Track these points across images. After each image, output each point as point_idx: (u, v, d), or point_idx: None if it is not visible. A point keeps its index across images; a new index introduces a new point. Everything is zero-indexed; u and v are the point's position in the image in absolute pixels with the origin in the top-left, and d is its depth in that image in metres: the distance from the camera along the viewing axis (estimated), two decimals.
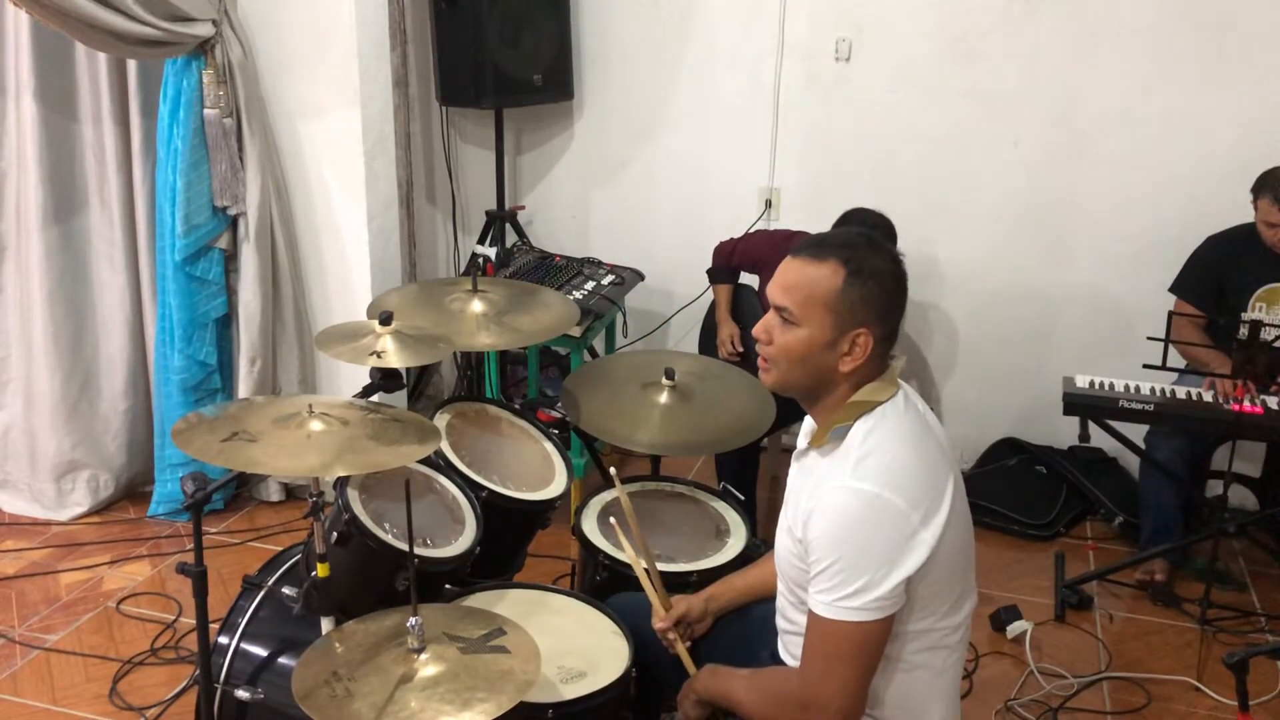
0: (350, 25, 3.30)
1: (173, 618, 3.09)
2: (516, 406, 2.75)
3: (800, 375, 1.72)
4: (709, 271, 3.68)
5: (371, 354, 2.21)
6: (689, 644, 2.02)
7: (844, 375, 1.70)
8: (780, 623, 1.89)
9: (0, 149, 3.45)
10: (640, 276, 4.06)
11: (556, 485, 2.55)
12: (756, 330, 1.76)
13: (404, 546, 1.81)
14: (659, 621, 2.03)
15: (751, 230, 3.62)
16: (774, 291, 1.73)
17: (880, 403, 1.69)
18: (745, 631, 2.05)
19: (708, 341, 3.69)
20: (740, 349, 3.43)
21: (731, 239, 3.62)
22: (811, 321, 1.68)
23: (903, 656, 1.69)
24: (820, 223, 3.29)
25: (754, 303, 3.54)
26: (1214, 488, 3.43)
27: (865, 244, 1.71)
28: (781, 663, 1.88)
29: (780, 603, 1.87)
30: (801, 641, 1.76)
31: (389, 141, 3.56)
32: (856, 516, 1.59)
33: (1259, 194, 3.19)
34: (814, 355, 1.69)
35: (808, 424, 1.86)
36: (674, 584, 2.20)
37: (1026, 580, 3.40)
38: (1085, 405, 3.11)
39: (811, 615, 1.65)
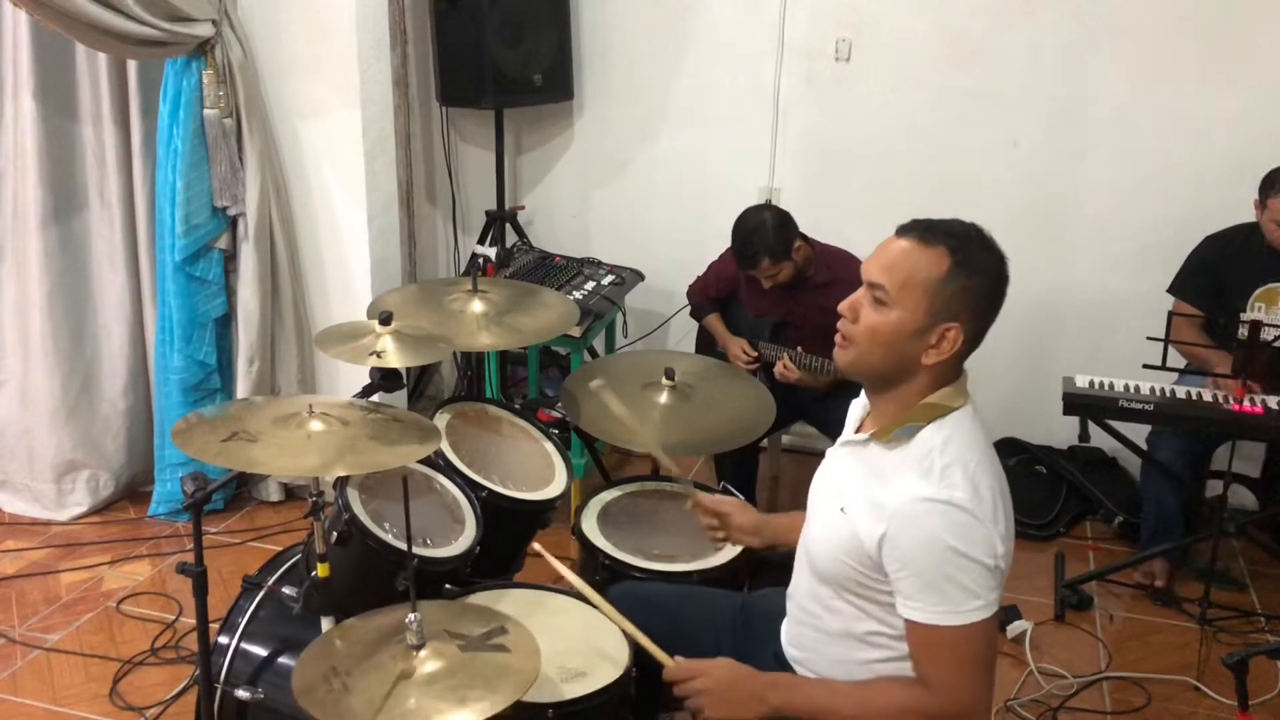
0: (350, 25, 3.30)
1: (173, 618, 3.09)
2: (516, 406, 2.75)
3: (879, 359, 1.66)
4: (692, 312, 3.68)
5: (371, 354, 2.21)
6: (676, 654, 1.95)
7: (925, 368, 1.64)
8: (796, 613, 1.85)
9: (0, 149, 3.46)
10: (640, 276, 4.07)
11: (556, 485, 2.55)
12: (843, 306, 1.69)
13: (404, 546, 1.81)
14: (700, 511, 2.10)
15: (712, 262, 3.63)
16: (870, 268, 1.66)
17: (954, 409, 1.66)
18: (749, 630, 2.04)
19: (707, 346, 3.70)
20: (754, 354, 3.43)
21: (699, 277, 3.63)
22: (905, 305, 1.62)
23: None
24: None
25: (746, 321, 3.53)
26: (1214, 488, 3.43)
27: (977, 237, 1.66)
28: (785, 660, 1.87)
29: (799, 590, 1.84)
30: (822, 631, 1.76)
31: (389, 141, 3.56)
32: (953, 525, 1.55)
33: (1270, 193, 3.16)
34: (900, 341, 1.63)
35: (858, 411, 1.82)
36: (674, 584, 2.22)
37: (1026, 580, 3.40)
38: (1085, 405, 3.10)
39: (927, 629, 1.59)
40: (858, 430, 1.78)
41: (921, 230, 1.65)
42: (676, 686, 1.77)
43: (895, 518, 1.59)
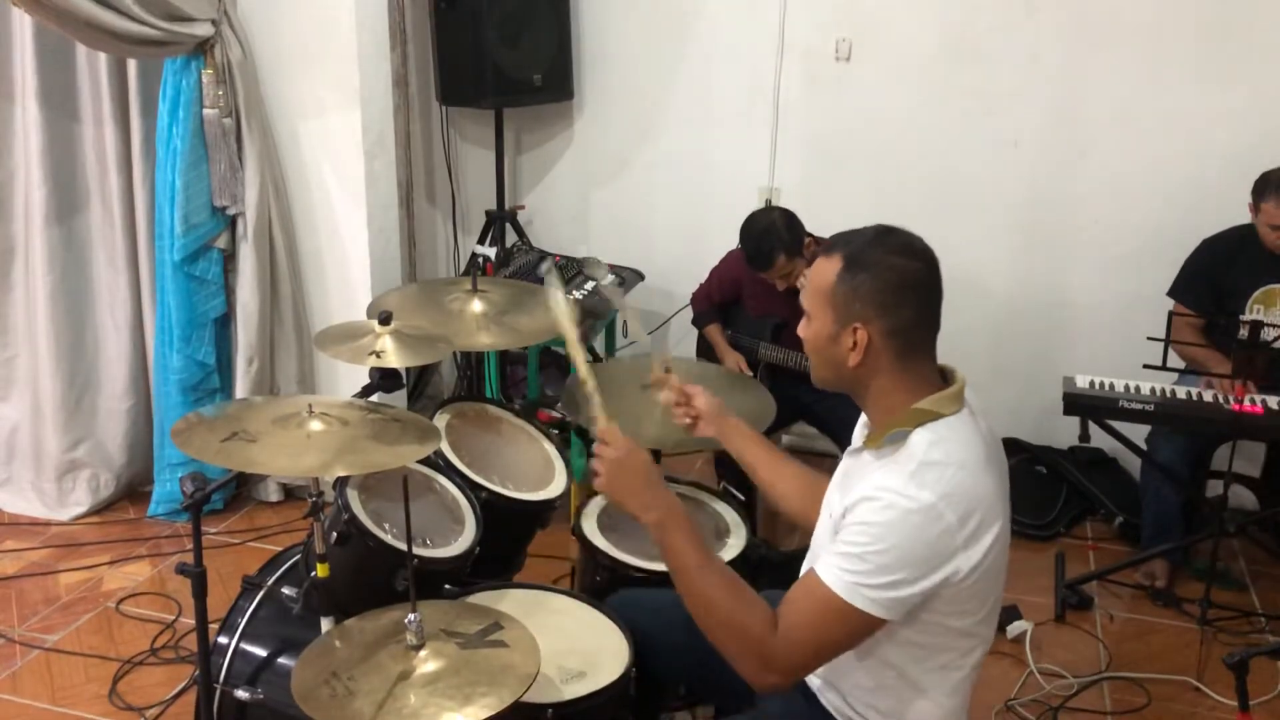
0: (350, 25, 3.30)
1: (172, 618, 3.09)
2: (516, 406, 2.75)
3: (821, 370, 1.73)
4: (693, 320, 3.68)
5: (371, 354, 2.21)
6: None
7: (855, 370, 1.67)
8: None
9: (10, 151, 3.46)
10: (640, 276, 4.06)
11: (556, 485, 2.55)
12: (799, 329, 1.77)
13: (404, 546, 1.81)
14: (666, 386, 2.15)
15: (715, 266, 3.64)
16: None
17: (944, 415, 1.65)
18: None
19: (708, 348, 3.70)
20: (750, 373, 3.43)
21: (701, 284, 3.64)
22: (818, 315, 1.68)
23: (915, 677, 1.68)
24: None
25: (747, 321, 3.53)
26: (1214, 488, 3.43)
27: (873, 237, 1.67)
28: None
29: None
30: None
31: (389, 141, 3.56)
32: (907, 520, 1.54)
33: (1263, 197, 3.17)
34: (824, 350, 1.69)
35: (862, 421, 1.84)
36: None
37: (1026, 580, 3.40)
38: (1085, 405, 3.10)
39: (820, 584, 1.58)
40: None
41: (830, 242, 1.72)
42: (596, 445, 1.81)
43: (860, 494, 1.59)
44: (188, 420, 2.00)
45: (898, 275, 1.64)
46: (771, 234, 3.22)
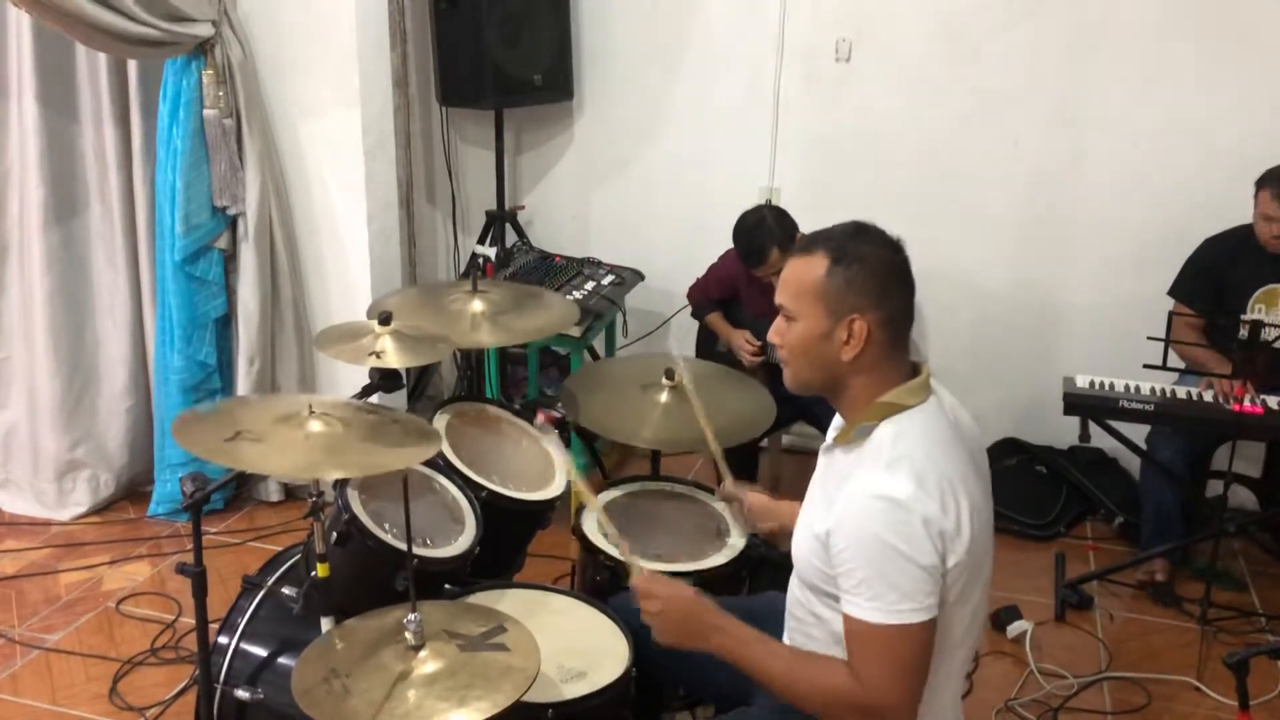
0: (350, 25, 3.30)
1: (173, 618, 3.09)
2: (516, 407, 2.75)
3: (810, 371, 1.73)
4: (693, 313, 3.70)
5: (370, 354, 2.21)
6: None
7: (849, 365, 1.68)
8: (790, 620, 1.87)
9: (5, 150, 3.46)
10: (640, 276, 4.06)
11: (556, 485, 2.55)
12: (770, 335, 1.77)
13: (404, 546, 1.81)
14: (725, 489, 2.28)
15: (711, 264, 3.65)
16: (777, 294, 1.75)
17: (909, 406, 1.67)
18: (751, 623, 2.04)
19: (706, 346, 3.70)
20: (758, 344, 3.44)
21: (697, 280, 3.65)
22: (805, 314, 1.69)
23: None
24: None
25: (746, 322, 3.54)
26: (1214, 488, 3.43)
27: (852, 231, 1.72)
28: None
29: (791, 598, 1.85)
30: (811, 639, 1.76)
31: (389, 141, 3.56)
32: (892, 522, 1.56)
33: (1262, 186, 3.17)
34: (814, 348, 1.70)
35: (836, 420, 1.85)
36: None
37: (1026, 580, 3.40)
38: (1085, 405, 3.10)
39: (859, 623, 1.60)
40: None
41: (804, 243, 1.75)
42: (636, 599, 1.83)
43: (842, 513, 1.61)
44: (185, 417, 2.00)
45: (887, 266, 1.69)
46: (762, 228, 3.24)
